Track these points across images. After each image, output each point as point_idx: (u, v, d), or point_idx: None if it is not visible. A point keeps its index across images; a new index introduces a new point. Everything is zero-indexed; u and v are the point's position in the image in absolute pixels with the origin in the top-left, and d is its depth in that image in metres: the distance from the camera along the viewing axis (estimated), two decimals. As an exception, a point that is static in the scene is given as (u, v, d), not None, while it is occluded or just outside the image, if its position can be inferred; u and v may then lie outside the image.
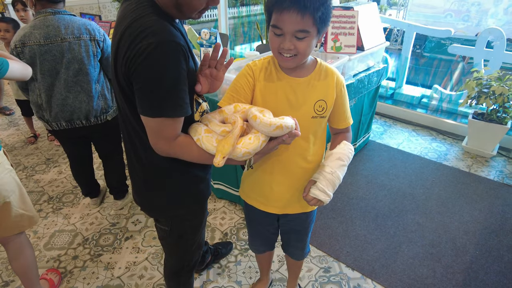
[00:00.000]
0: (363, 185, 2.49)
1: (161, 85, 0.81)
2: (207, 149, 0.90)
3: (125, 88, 0.88)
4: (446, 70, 5.84)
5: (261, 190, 1.21)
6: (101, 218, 2.20)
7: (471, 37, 6.01)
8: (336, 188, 1.11)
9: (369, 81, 2.41)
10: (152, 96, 0.82)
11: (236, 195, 2.20)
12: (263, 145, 0.93)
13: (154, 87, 0.81)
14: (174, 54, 0.80)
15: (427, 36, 6.36)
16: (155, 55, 0.78)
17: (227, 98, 1.08)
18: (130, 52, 0.80)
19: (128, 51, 0.81)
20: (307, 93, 1.06)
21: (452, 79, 5.36)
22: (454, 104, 3.49)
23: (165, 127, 0.87)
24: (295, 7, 0.88)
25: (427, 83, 5.14)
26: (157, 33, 0.79)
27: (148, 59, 0.78)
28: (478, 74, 2.76)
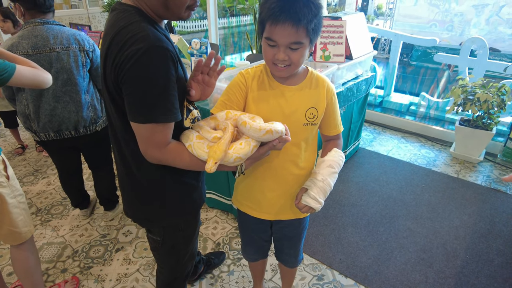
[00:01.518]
0: (354, 192, 2.50)
1: (151, 90, 0.81)
2: (198, 155, 0.90)
3: (114, 96, 0.88)
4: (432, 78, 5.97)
5: (254, 196, 1.21)
6: (91, 230, 2.16)
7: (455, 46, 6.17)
8: (327, 195, 1.11)
9: (358, 89, 2.45)
10: (141, 101, 0.82)
11: (228, 204, 2.19)
12: (254, 150, 0.93)
13: (143, 93, 0.81)
14: (162, 59, 0.81)
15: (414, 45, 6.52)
16: (143, 60, 0.78)
17: (220, 105, 1.09)
18: (119, 59, 0.81)
19: (117, 57, 0.81)
20: (298, 100, 1.07)
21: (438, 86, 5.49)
22: (441, 111, 3.56)
23: (155, 134, 0.86)
24: (289, 20, 0.89)
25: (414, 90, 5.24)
26: (146, 39, 0.79)
27: (137, 64, 0.79)
28: (463, 82, 2.83)
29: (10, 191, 1.37)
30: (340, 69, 2.18)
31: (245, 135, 0.93)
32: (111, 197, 2.24)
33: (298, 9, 0.89)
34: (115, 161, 1.07)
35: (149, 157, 0.91)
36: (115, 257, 1.94)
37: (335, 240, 2.04)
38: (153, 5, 0.87)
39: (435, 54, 3.35)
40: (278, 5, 0.90)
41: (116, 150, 1.02)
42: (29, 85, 1.30)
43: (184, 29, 9.50)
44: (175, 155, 0.92)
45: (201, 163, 0.91)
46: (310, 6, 0.91)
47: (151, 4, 0.87)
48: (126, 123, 0.89)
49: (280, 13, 0.89)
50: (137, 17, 0.84)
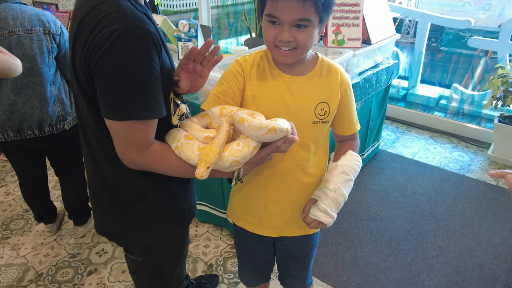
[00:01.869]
0: (373, 203, 2.50)
1: (129, 80, 0.81)
2: (187, 158, 0.90)
3: (86, 88, 0.88)
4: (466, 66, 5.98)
5: (253, 209, 1.21)
6: (58, 249, 2.15)
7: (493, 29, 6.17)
8: (340, 208, 1.11)
9: (377, 80, 2.45)
10: (118, 94, 0.82)
11: (223, 218, 2.19)
12: (254, 153, 0.93)
13: (120, 84, 0.81)
14: (143, 43, 0.80)
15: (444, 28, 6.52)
16: (120, 44, 0.78)
17: (212, 100, 1.08)
18: (90, 43, 0.80)
19: (87, 42, 0.81)
20: (306, 94, 1.07)
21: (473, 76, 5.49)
22: (477, 106, 3.57)
23: (135, 133, 0.86)
24: None
25: (445, 81, 5.24)
26: (122, 18, 0.78)
27: (111, 49, 0.78)
28: (503, 71, 2.83)
29: None
30: (356, 56, 2.18)
31: (243, 134, 0.93)
32: (82, 209, 2.24)
33: None
34: (86, 166, 1.06)
35: (127, 161, 0.91)
36: (87, 281, 1.93)
37: (351, 261, 2.03)
38: None
39: (469, 38, 3.36)
40: None
41: (87, 153, 1.01)
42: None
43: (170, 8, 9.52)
44: (159, 158, 0.92)
45: (190, 168, 0.91)
46: None
47: None
48: (100, 120, 0.89)
49: None
50: None
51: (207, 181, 2.08)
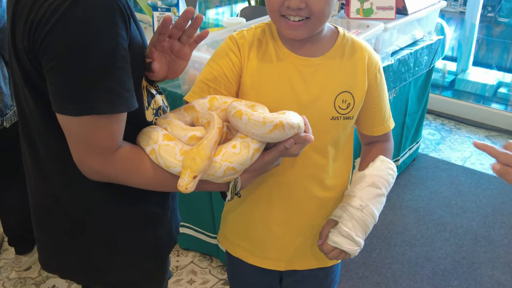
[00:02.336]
0: (411, 224, 2.49)
1: (87, 62, 0.80)
2: (167, 165, 0.90)
3: (29, 74, 0.87)
4: (534, 44, 5.99)
5: (253, 233, 1.21)
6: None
7: None
8: (369, 231, 1.11)
9: (416, 61, 2.45)
10: (73, 81, 0.81)
11: (213, 244, 2.19)
12: (255, 157, 0.93)
13: (75, 67, 0.80)
14: (105, 12, 0.80)
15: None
16: (74, 14, 0.77)
17: (199, 89, 1.09)
18: (35, 15, 0.80)
19: (31, 13, 0.80)
20: (324, 81, 1.07)
21: (543, 57, 5.50)
22: (548, 96, 3.57)
23: (97, 132, 0.85)
24: None
25: (505, 64, 5.24)
26: None
27: (63, 21, 0.77)
28: None
29: None
30: (389, 30, 2.18)
31: (241, 133, 0.93)
32: (27, 234, 2.23)
33: None
34: (28, 175, 1.05)
35: (87, 170, 0.90)
36: (32, 329, 1.93)
37: (382, 301, 2.03)
38: None
39: (537, 7, 3.36)
40: None
41: (30, 160, 1.01)
42: None
43: (143, -33, 9.55)
44: (129, 165, 0.91)
45: (171, 179, 0.91)
46: None
47: None
48: (49, 116, 0.89)
49: None
50: None
51: (192, 196, 2.08)
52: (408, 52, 2.38)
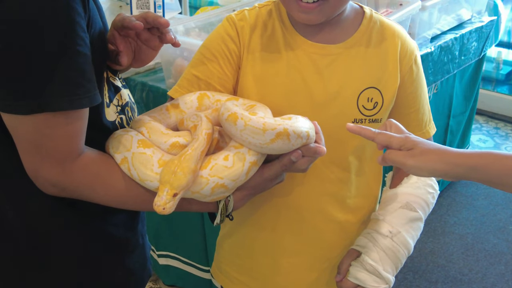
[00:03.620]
0: (457, 254, 2.49)
1: (39, 47, 0.81)
2: (141, 178, 0.91)
3: None
4: None
5: (256, 265, 1.22)
6: None
7: None
8: (401, 265, 1.11)
9: (462, 49, 2.46)
10: (21, 71, 0.82)
11: (205, 279, 2.20)
12: (252, 172, 0.94)
13: (23, 54, 0.81)
14: None
15: None
16: None
17: (187, 83, 1.10)
18: None
19: None
20: (344, 74, 1.08)
21: None
22: None
23: (53, 133, 0.86)
24: None
25: None
26: None
27: None
28: None
29: None
30: (427, 9, 2.19)
31: (235, 140, 0.94)
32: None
33: None
34: None
35: (42, 182, 0.91)
36: None
37: None
38: None
39: None
40: None
41: None
42: None
43: None
44: (94, 177, 0.92)
45: (146, 195, 0.92)
46: None
47: None
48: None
49: None
50: None
51: (179, 217, 2.08)
52: (452, 37, 2.39)
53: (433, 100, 2.49)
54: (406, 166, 0.91)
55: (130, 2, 2.14)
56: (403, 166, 0.92)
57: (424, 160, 0.89)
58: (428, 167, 0.89)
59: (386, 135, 0.93)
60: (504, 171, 0.84)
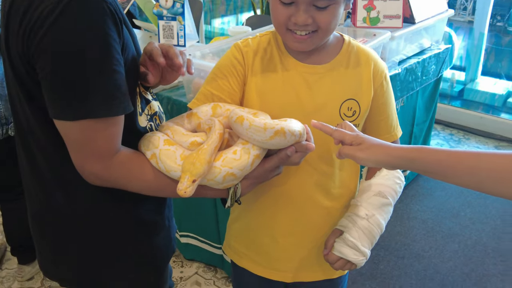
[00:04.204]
0: (420, 235, 2.49)
1: (82, 65, 0.81)
2: (166, 170, 0.91)
3: (24, 79, 0.88)
4: (543, 53, 5.98)
5: (258, 243, 1.21)
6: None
7: None
8: (375, 242, 1.12)
9: (424, 71, 2.46)
10: (68, 85, 0.82)
11: (217, 255, 2.19)
12: (256, 164, 0.94)
13: (69, 70, 0.81)
14: (97, 15, 0.81)
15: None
16: (66, 17, 0.79)
17: (203, 97, 1.10)
18: (28, 20, 0.81)
19: (25, 18, 0.81)
20: (329, 88, 1.08)
21: (553, 67, 5.49)
22: (559, 106, 3.57)
23: (95, 135, 0.86)
24: None
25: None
26: None
27: (56, 25, 0.79)
28: None
29: None
30: (395, 38, 2.19)
31: (242, 138, 0.94)
32: (30, 243, 2.23)
33: None
34: (25, 183, 1.06)
35: (88, 175, 0.91)
36: None
37: (390, 314, 2.03)
38: None
39: (547, 16, 3.37)
40: None
41: (27, 166, 1.01)
42: None
43: (148, -24, 9.63)
44: (130, 169, 0.92)
45: (171, 183, 0.92)
46: None
47: None
48: (46, 124, 0.90)
49: None
50: None
51: (197, 204, 2.08)
52: (415, 61, 2.39)
53: (400, 111, 2.49)
54: (356, 158, 0.93)
55: (158, 33, 2.15)
56: (353, 158, 0.93)
57: (370, 153, 0.91)
58: (373, 159, 0.91)
59: (341, 132, 0.95)
60: (434, 162, 0.85)
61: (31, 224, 1.09)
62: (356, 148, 0.93)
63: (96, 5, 0.81)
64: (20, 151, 1.03)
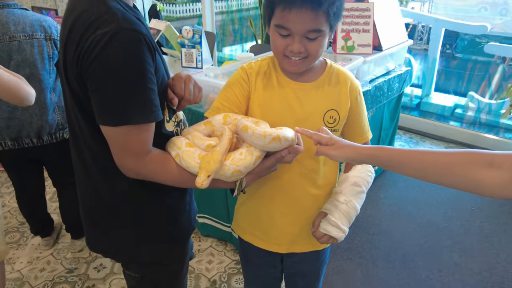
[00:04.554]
0: (386, 217, 2.49)
1: (123, 83, 0.82)
2: (187, 166, 0.92)
3: (78, 94, 0.89)
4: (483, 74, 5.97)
5: (260, 222, 1.21)
6: (54, 263, 2.16)
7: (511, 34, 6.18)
8: (352, 221, 1.12)
9: (389, 88, 2.46)
10: (112, 98, 0.83)
11: (227, 232, 2.19)
12: (257, 162, 0.94)
13: (114, 87, 0.82)
14: (136, 45, 0.82)
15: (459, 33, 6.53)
16: (112, 45, 0.79)
17: (216, 108, 1.10)
18: (82, 47, 0.82)
19: (79, 46, 0.82)
20: (315, 101, 1.09)
21: (491, 84, 5.48)
22: (495, 115, 3.56)
23: (132, 138, 0.87)
24: (308, 4, 0.91)
25: (460, 89, 5.23)
26: (113, 20, 0.80)
27: (104, 52, 0.80)
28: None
29: None
30: (367, 62, 2.20)
31: (247, 143, 0.95)
32: (79, 223, 2.24)
33: None
34: (77, 176, 1.06)
35: (125, 170, 0.92)
36: (84, 298, 1.94)
37: (362, 278, 2.02)
38: None
39: (485, 44, 3.36)
40: None
41: (79, 164, 1.02)
42: (5, 95, 1.32)
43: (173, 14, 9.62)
44: (159, 166, 0.93)
45: (191, 177, 0.92)
46: None
47: None
48: (95, 129, 0.90)
49: None
50: None
51: (211, 193, 2.08)
52: (382, 80, 2.39)
53: (371, 119, 2.49)
54: (330, 155, 0.94)
55: (181, 58, 2.16)
56: (327, 155, 0.94)
57: (341, 152, 0.92)
58: (343, 156, 0.92)
59: (318, 135, 0.96)
60: (389, 158, 0.87)
61: (81, 210, 1.10)
62: (330, 148, 0.94)
63: (134, 37, 0.82)
64: (73, 151, 1.03)
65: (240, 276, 2.05)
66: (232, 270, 2.09)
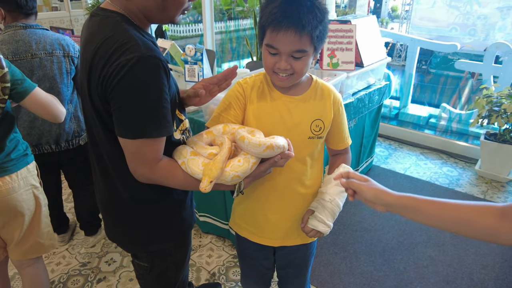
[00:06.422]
0: (367, 215, 2.51)
1: (143, 104, 0.85)
2: (192, 173, 0.93)
3: (100, 111, 0.91)
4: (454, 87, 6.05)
5: (255, 219, 1.23)
6: (69, 258, 2.16)
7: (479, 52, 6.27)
8: (336, 217, 1.14)
9: (370, 100, 2.49)
10: (132, 116, 0.86)
11: (225, 229, 2.20)
12: (254, 168, 0.96)
13: (134, 107, 0.85)
14: (155, 70, 0.84)
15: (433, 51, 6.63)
16: (135, 71, 0.82)
17: (216, 118, 1.12)
18: (107, 71, 0.83)
19: (104, 70, 0.84)
20: (303, 112, 1.11)
21: (461, 97, 5.55)
22: (464, 124, 3.60)
23: (146, 149, 0.89)
24: (293, 27, 0.93)
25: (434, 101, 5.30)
26: (136, 49, 0.83)
27: (127, 76, 0.82)
28: (488, 91, 2.88)
29: (43, 198, 1.48)
30: (350, 77, 2.23)
31: (244, 151, 0.97)
32: (93, 221, 2.25)
33: (302, 14, 0.93)
34: (95, 179, 1.09)
35: (138, 176, 0.94)
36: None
37: (346, 270, 2.04)
38: (147, 6, 0.89)
39: (456, 61, 3.42)
40: (280, 10, 0.94)
41: (98, 167, 1.04)
42: (42, 112, 1.37)
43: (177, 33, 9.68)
44: (167, 173, 0.95)
45: (196, 182, 0.94)
46: (315, 12, 0.95)
47: (143, 6, 0.89)
48: (113, 138, 0.93)
49: (282, 19, 0.93)
50: (124, 25, 0.87)
51: (211, 194, 2.09)
52: (364, 93, 2.42)
53: (353, 128, 2.52)
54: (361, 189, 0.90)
55: (185, 74, 2.18)
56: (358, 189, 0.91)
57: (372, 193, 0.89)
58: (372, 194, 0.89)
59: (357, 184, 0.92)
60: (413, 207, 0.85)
61: (100, 207, 1.12)
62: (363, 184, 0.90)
63: (154, 63, 0.84)
64: (92, 157, 1.06)
65: (237, 268, 2.06)
66: (230, 264, 2.10)
